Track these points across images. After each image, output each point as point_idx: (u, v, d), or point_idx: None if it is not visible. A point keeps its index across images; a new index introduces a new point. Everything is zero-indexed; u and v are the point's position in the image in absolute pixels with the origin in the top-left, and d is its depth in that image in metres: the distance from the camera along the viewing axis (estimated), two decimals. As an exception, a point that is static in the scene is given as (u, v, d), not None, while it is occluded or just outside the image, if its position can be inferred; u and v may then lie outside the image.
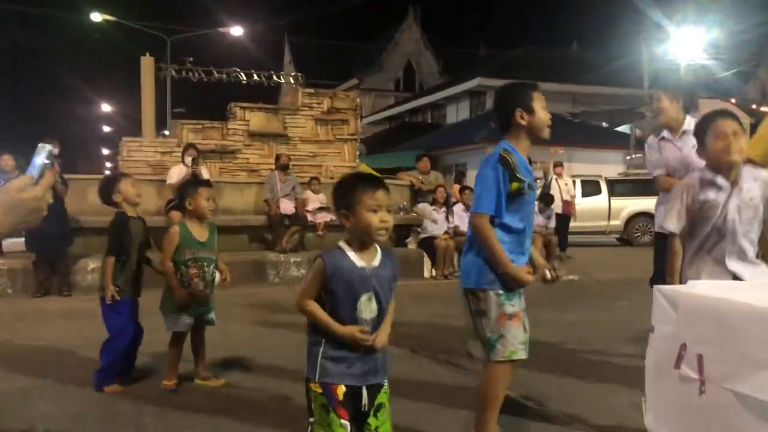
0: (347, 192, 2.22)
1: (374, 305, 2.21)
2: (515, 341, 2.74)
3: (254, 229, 9.78)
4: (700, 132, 3.08)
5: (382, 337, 2.23)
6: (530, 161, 2.94)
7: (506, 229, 2.79)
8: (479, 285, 2.79)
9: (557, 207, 12.20)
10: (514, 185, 2.75)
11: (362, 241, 2.22)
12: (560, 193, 12.48)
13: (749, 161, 3.09)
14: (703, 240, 2.97)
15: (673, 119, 4.37)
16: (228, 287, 4.24)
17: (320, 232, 9.57)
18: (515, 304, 2.78)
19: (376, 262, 2.23)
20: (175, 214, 8.69)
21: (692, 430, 1.68)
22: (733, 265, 2.93)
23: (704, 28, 23.26)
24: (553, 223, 11.28)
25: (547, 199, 11.04)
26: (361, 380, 2.19)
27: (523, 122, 2.83)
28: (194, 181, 4.52)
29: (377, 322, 2.22)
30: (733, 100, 26.79)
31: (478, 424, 2.85)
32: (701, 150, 3.05)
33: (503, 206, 2.76)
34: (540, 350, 4.91)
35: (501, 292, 2.76)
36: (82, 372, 4.25)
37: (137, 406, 3.67)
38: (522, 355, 2.77)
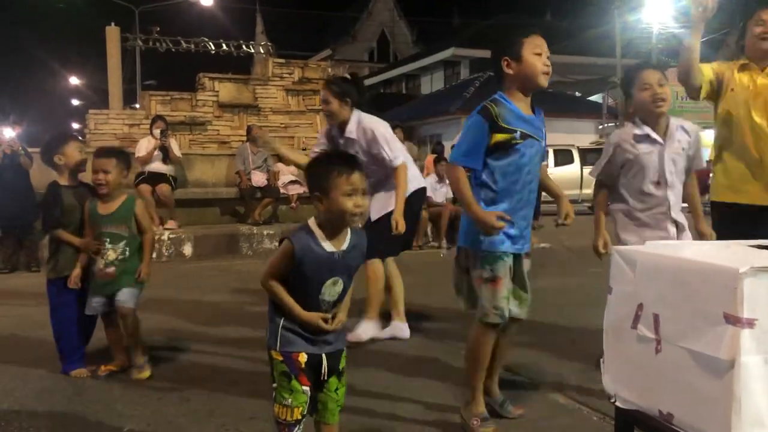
0: (321, 174, 2.15)
1: (339, 288, 2.21)
2: (488, 305, 2.71)
3: (226, 201, 9.70)
4: (625, 85, 3.26)
5: (341, 317, 2.24)
6: (534, 110, 2.81)
7: (494, 182, 2.71)
8: (465, 244, 2.81)
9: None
10: (498, 136, 2.66)
11: (334, 226, 2.18)
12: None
13: None
14: (640, 195, 3.15)
15: None
16: (144, 280, 3.74)
17: (293, 204, 9.52)
18: (496, 269, 2.70)
19: (346, 244, 2.20)
20: (144, 188, 8.60)
21: (649, 390, 1.70)
22: (676, 215, 3.15)
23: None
24: None
25: None
26: (320, 349, 2.20)
27: (510, 71, 2.73)
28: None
29: (337, 302, 2.23)
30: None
31: (466, 380, 2.91)
32: (629, 103, 3.22)
33: (484, 159, 2.69)
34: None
35: (483, 253, 2.71)
36: (49, 349, 4.19)
37: (105, 381, 3.63)
38: (494, 319, 2.72)
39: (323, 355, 2.20)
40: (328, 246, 2.16)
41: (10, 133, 8.09)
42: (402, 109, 27.69)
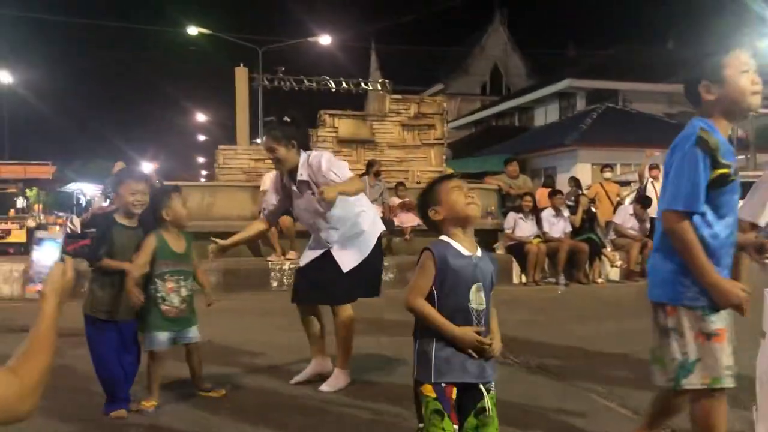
0: (430, 191, 2.32)
1: (483, 296, 2.18)
2: (717, 365, 2.24)
3: (343, 233, 9.94)
4: None
5: (498, 343, 2.20)
6: (731, 141, 2.50)
7: (710, 226, 2.29)
8: (668, 300, 2.35)
9: (653, 211, 11.73)
10: (718, 172, 2.25)
11: (459, 223, 2.24)
12: (657, 196, 11.98)
13: None
14: None
15: None
16: (213, 304, 3.97)
17: (407, 237, 9.62)
18: (718, 321, 2.27)
19: (479, 252, 2.24)
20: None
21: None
22: None
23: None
24: (648, 226, 10.87)
25: (645, 201, 10.63)
26: (477, 378, 2.14)
27: (711, 97, 2.36)
28: (165, 189, 4.07)
29: (485, 316, 2.18)
30: None
31: None
32: None
33: (703, 200, 2.26)
34: (633, 361, 4.80)
35: (699, 307, 2.27)
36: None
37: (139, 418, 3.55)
38: (729, 382, 2.25)
39: (481, 387, 2.14)
40: (463, 250, 2.20)
41: (148, 167, 8.73)
42: (515, 141, 27.41)
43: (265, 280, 8.64)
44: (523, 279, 9.56)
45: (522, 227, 9.74)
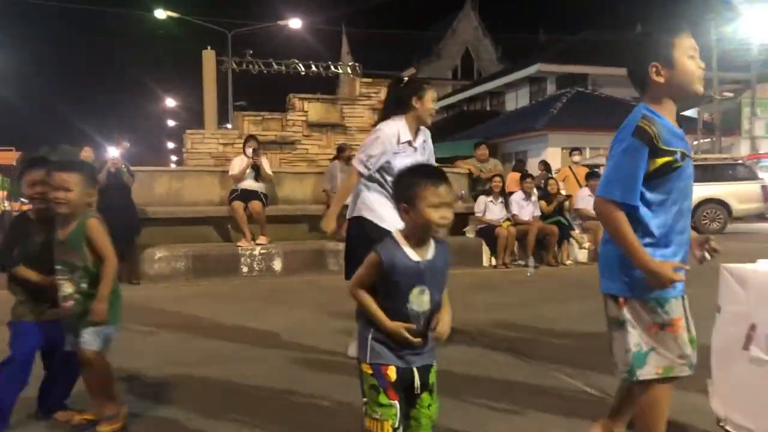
0: (409, 186, 2.18)
1: (426, 298, 2.19)
2: (672, 355, 2.24)
3: (314, 218, 9.87)
4: None
5: (442, 327, 2.21)
6: (680, 124, 2.36)
7: (653, 217, 2.26)
8: (619, 291, 2.32)
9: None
10: (660, 160, 2.22)
11: (419, 238, 2.20)
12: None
13: None
14: None
15: None
16: (97, 320, 2.93)
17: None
18: (671, 310, 2.25)
19: (430, 254, 2.21)
20: (237, 204, 8.92)
21: (763, 413, 1.62)
22: None
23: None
24: None
25: (597, 178, 10.88)
26: (408, 363, 2.19)
27: (660, 79, 2.29)
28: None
29: (429, 315, 2.21)
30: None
31: None
32: None
33: (643, 190, 2.24)
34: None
35: (652, 298, 2.25)
36: (149, 357, 4.39)
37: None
38: (683, 371, 2.23)
39: (414, 369, 2.20)
40: (413, 255, 2.18)
41: (114, 152, 8.57)
42: (486, 125, 27.52)
43: (234, 266, 8.58)
44: (493, 262, 9.62)
45: (492, 210, 9.79)
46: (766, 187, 15.78)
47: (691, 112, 25.57)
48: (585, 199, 10.65)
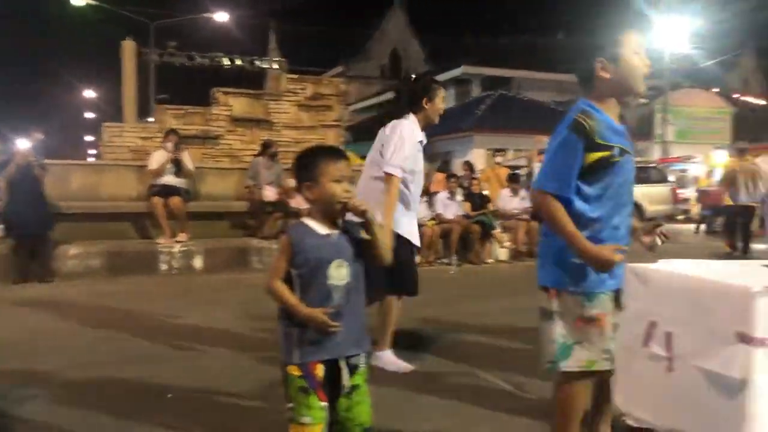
0: (309, 164, 2.21)
1: (344, 271, 2.18)
2: (595, 349, 2.26)
3: (237, 215, 9.73)
4: None
5: (359, 203, 2.19)
6: (623, 119, 2.39)
7: (590, 210, 2.29)
8: (553, 284, 2.36)
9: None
10: (594, 155, 2.24)
11: (325, 214, 2.20)
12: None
13: None
14: None
15: None
16: None
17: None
18: (598, 306, 2.27)
19: (338, 230, 2.22)
20: (157, 200, 8.65)
21: (660, 407, 1.70)
22: None
23: (687, 17, 23.37)
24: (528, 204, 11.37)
25: (513, 177, 11.25)
26: (339, 351, 2.15)
27: (606, 75, 2.32)
28: None
29: (351, 289, 2.18)
30: (715, 89, 27.03)
31: None
32: None
33: (579, 183, 2.27)
34: (526, 335, 4.99)
35: (580, 293, 2.28)
36: (57, 359, 4.22)
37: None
38: (604, 365, 2.22)
39: (342, 364, 2.15)
40: (322, 229, 2.19)
41: (25, 144, 8.17)
42: (413, 125, 27.67)
43: (153, 264, 8.32)
44: (417, 260, 9.69)
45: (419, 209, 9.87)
46: (675, 189, 16.59)
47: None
48: (506, 199, 10.92)
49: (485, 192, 11.10)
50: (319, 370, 2.13)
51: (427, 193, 10.13)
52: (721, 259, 3.02)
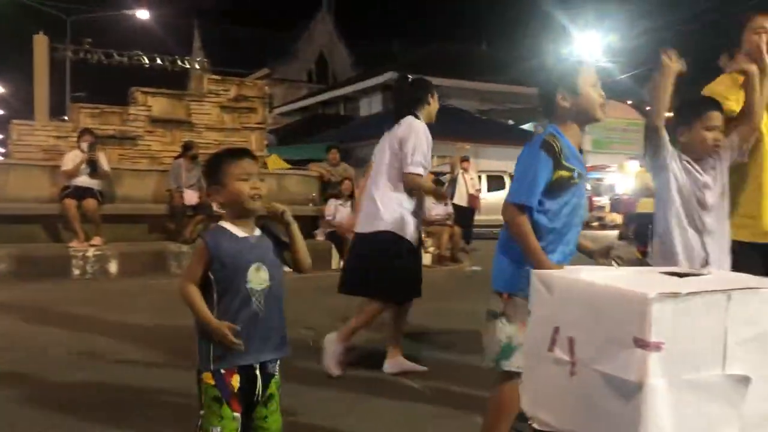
0: (214, 167, 2.21)
1: (264, 275, 2.16)
2: None
3: (155, 218, 9.46)
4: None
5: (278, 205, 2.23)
6: (581, 150, 2.59)
7: (549, 222, 2.47)
8: (506, 289, 2.49)
9: (463, 200, 12.48)
10: (560, 173, 2.43)
11: (238, 214, 2.19)
12: (466, 186, 12.77)
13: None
14: None
15: None
16: None
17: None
18: None
19: (257, 232, 2.22)
20: (69, 202, 8.31)
21: (564, 411, 1.75)
22: None
23: (603, 32, 24.40)
24: (451, 210, 11.56)
25: (437, 184, 11.44)
26: (255, 357, 2.13)
27: (566, 104, 2.53)
28: None
29: (270, 293, 2.17)
30: (629, 102, 28.30)
31: None
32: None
33: (541, 197, 2.44)
34: (449, 338, 5.07)
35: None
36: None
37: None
38: None
39: (257, 372, 2.13)
40: (239, 232, 2.17)
41: None
42: (341, 130, 27.74)
43: (65, 268, 7.99)
44: (342, 264, 9.67)
45: (342, 214, 9.86)
46: (591, 197, 17.24)
47: (528, 126, 27.41)
48: (429, 205, 11.04)
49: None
50: (235, 380, 2.10)
51: (352, 198, 10.15)
52: (633, 265, 3.19)
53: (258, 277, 2.15)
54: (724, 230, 2.84)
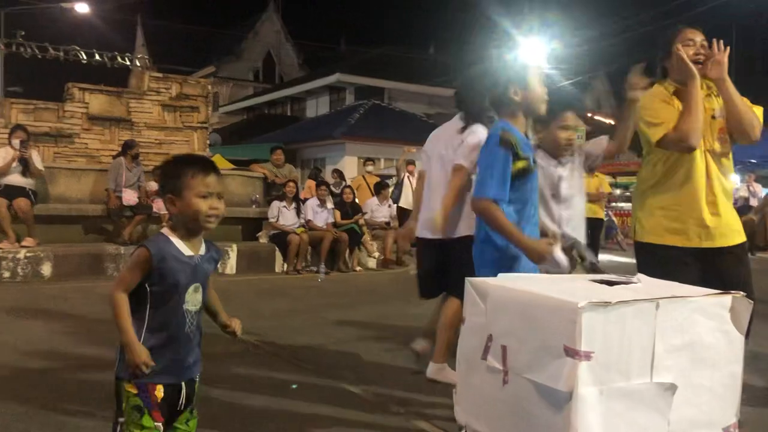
0: (174, 175, 2.05)
1: (199, 297, 2.10)
2: None
3: (92, 219, 9.15)
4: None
5: (238, 324, 2.25)
6: (527, 136, 2.85)
7: (514, 212, 2.70)
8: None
9: (408, 203, 12.51)
10: (519, 164, 2.66)
11: (188, 229, 2.07)
12: (413, 189, 12.82)
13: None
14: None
15: None
16: None
17: (165, 224, 9.12)
18: None
19: (202, 251, 2.12)
20: (0, 202, 7.96)
21: (496, 420, 1.75)
22: None
23: (546, 39, 24.93)
24: (394, 213, 11.61)
25: (378, 187, 11.61)
26: (179, 376, 2.07)
27: (518, 98, 2.76)
28: None
29: (198, 317, 2.11)
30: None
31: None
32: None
33: (508, 189, 2.66)
34: (385, 337, 5.06)
35: None
36: None
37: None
38: None
39: (183, 385, 2.08)
40: (186, 250, 2.06)
41: None
42: (286, 130, 27.52)
43: (-6, 270, 7.66)
44: (285, 268, 9.59)
45: (286, 216, 9.76)
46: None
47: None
48: (374, 208, 11.05)
49: (356, 200, 11.19)
50: (158, 391, 2.02)
51: (296, 200, 10.06)
52: (594, 266, 3.27)
53: (194, 299, 2.08)
54: (579, 220, 3.29)
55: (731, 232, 3.04)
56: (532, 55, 25.68)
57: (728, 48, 2.97)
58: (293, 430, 3.17)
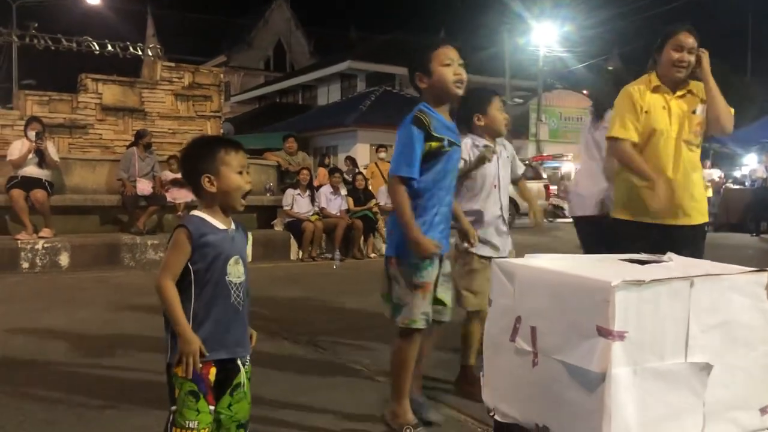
0: (208, 154, 2.09)
1: (241, 268, 2.11)
2: (416, 311, 2.74)
3: (107, 209, 9.18)
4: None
5: (254, 335, 2.23)
6: (451, 117, 2.93)
7: (425, 189, 2.76)
8: (393, 253, 2.82)
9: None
10: (432, 144, 2.73)
11: (223, 209, 2.12)
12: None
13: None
14: None
15: None
16: None
17: (180, 213, 9.14)
18: (425, 275, 2.75)
19: (233, 226, 2.15)
20: (17, 193, 8.01)
21: (526, 403, 1.72)
22: None
23: (559, 22, 24.65)
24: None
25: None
26: (233, 353, 2.08)
27: (424, 85, 2.83)
28: None
29: (244, 288, 2.12)
30: (585, 92, 28.73)
31: (392, 389, 2.89)
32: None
33: (418, 168, 2.73)
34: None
35: (413, 263, 2.74)
36: None
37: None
38: (422, 324, 2.75)
39: (238, 363, 2.10)
40: (218, 224, 2.10)
41: None
42: (298, 119, 27.49)
43: (13, 261, 7.71)
44: (300, 255, 9.59)
45: (300, 204, 9.75)
46: (548, 186, 17.41)
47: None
48: (387, 195, 10.98)
49: (370, 188, 11.14)
50: (212, 373, 2.03)
51: (310, 187, 10.05)
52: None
53: (236, 270, 2.09)
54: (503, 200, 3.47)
55: (696, 212, 3.34)
56: (545, 38, 25.43)
57: (707, 52, 3.28)
58: (313, 415, 3.16)
